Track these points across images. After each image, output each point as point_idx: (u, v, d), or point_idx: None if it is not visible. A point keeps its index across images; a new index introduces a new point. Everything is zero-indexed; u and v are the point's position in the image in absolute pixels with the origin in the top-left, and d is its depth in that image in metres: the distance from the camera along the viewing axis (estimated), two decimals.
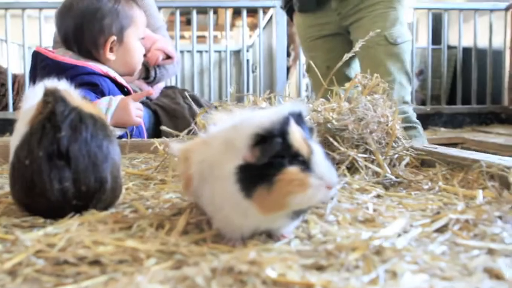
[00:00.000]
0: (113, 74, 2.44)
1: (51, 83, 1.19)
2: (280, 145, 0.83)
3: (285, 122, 0.85)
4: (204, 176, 0.92)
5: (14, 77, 5.74)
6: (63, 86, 1.18)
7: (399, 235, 0.91)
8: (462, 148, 3.72)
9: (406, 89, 3.29)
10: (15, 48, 7.13)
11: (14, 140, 1.12)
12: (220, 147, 0.89)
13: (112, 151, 1.10)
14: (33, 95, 1.18)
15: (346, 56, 1.76)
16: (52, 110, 1.05)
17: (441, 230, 0.95)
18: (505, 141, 3.90)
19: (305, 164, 0.84)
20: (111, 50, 2.44)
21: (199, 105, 3.34)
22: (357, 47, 1.79)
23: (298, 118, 0.88)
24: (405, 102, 3.24)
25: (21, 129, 1.09)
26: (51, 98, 1.07)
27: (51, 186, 1.02)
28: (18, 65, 7.03)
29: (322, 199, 0.87)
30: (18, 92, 5.75)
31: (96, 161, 1.05)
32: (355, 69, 3.53)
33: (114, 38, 2.42)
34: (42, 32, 5.41)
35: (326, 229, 0.95)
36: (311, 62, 3.40)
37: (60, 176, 1.02)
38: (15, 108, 5.46)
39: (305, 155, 0.84)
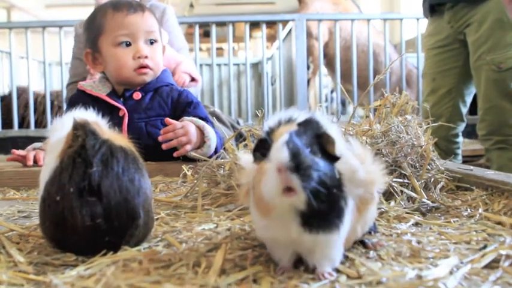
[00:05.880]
0: (95, 91, 2.33)
1: (80, 114, 1.16)
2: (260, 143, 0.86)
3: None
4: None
5: (36, 95, 5.80)
6: (92, 117, 1.15)
7: (450, 273, 0.86)
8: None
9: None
10: (35, 65, 7.20)
11: (43, 173, 1.09)
12: None
13: (144, 185, 1.06)
14: (61, 126, 1.15)
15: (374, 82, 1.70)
16: (83, 144, 1.02)
17: (490, 265, 0.91)
18: None
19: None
20: (95, 62, 2.36)
21: (221, 122, 3.33)
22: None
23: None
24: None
25: (50, 163, 1.06)
26: (81, 131, 1.04)
27: (83, 222, 0.98)
28: (38, 82, 7.10)
29: (280, 184, 0.78)
30: (44, 111, 5.79)
31: (128, 196, 1.01)
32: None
33: (88, 50, 2.36)
34: (63, 48, 5.47)
35: (369, 266, 0.90)
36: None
37: (92, 212, 0.98)
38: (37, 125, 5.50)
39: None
